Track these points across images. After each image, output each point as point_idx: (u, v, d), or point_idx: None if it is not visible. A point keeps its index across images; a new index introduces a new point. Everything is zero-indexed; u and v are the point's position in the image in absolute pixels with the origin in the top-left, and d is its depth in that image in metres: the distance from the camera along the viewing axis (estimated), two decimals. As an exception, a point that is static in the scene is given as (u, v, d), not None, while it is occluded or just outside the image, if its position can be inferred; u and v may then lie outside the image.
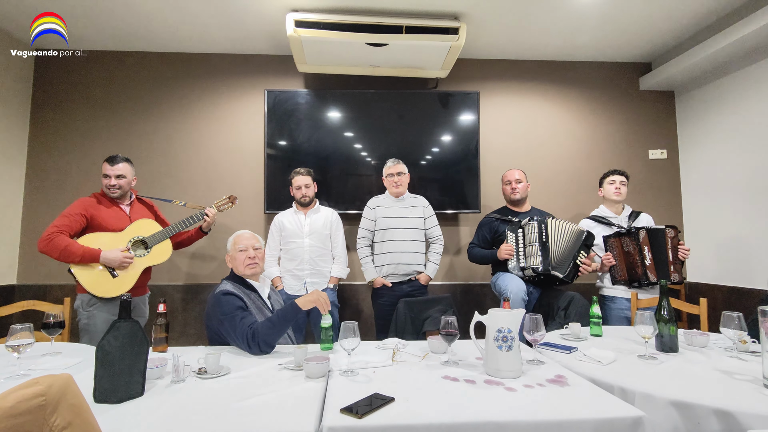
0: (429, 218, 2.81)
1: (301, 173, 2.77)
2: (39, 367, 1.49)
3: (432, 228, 2.81)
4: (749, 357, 1.60)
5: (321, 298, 1.66)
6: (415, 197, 2.86)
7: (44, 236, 2.18)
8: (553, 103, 3.63)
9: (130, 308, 1.27)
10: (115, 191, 2.38)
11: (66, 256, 2.18)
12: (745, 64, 3.02)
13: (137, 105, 3.40)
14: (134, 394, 1.20)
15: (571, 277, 2.54)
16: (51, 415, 0.72)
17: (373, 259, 2.76)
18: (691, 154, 3.53)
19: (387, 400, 1.15)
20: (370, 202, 2.84)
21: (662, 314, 1.70)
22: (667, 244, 2.51)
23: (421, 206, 2.81)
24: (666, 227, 2.54)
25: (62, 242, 2.17)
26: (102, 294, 2.24)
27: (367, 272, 2.75)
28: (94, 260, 2.22)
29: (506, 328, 1.39)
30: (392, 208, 2.77)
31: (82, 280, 2.23)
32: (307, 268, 2.70)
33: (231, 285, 1.80)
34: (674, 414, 1.18)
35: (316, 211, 2.81)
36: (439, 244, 2.81)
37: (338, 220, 2.86)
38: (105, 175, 2.38)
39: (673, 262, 2.50)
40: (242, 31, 3.12)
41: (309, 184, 2.78)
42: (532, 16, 2.94)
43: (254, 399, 1.18)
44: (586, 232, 2.59)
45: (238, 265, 1.89)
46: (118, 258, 2.25)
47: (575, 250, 2.56)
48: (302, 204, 2.78)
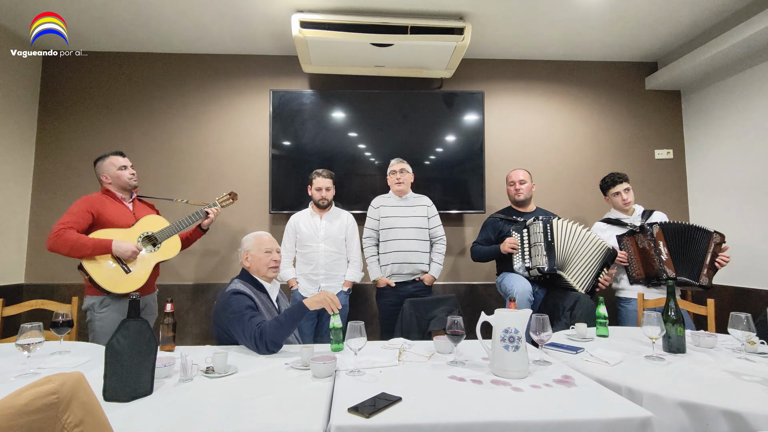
0: (432, 218, 2.80)
1: (323, 175, 2.75)
2: (48, 365, 1.51)
3: (435, 228, 2.80)
4: (758, 358, 1.59)
5: (328, 298, 1.66)
6: (418, 197, 2.86)
7: (52, 233, 2.14)
8: (559, 102, 3.62)
9: (139, 307, 1.28)
10: (135, 180, 2.42)
11: (77, 249, 2.13)
12: (751, 63, 3.00)
13: (143, 105, 3.42)
14: (143, 392, 1.21)
15: (591, 293, 2.53)
16: (63, 413, 0.73)
17: (379, 258, 2.76)
18: (698, 154, 3.50)
19: (394, 400, 1.15)
20: (373, 201, 2.85)
21: (669, 315, 1.69)
22: (709, 247, 2.46)
23: (424, 206, 2.81)
24: (714, 232, 2.48)
25: (72, 236, 2.13)
26: (116, 290, 2.20)
27: (372, 272, 2.75)
28: (106, 251, 2.18)
29: (513, 328, 1.39)
30: (395, 207, 2.77)
31: (95, 275, 2.17)
32: (322, 272, 2.70)
33: (242, 284, 1.82)
34: (682, 415, 1.17)
35: (332, 214, 2.81)
36: (442, 244, 2.81)
37: (354, 224, 2.86)
38: (122, 167, 2.38)
39: (708, 266, 2.45)
40: (247, 31, 3.13)
41: (330, 187, 2.77)
42: (538, 15, 2.93)
43: (262, 398, 1.19)
44: (612, 249, 2.56)
45: (261, 266, 1.90)
46: (130, 248, 2.22)
47: (598, 264, 2.53)
48: (320, 206, 2.78)
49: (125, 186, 2.40)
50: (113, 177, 2.38)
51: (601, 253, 2.54)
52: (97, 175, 2.41)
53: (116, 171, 2.38)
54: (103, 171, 2.38)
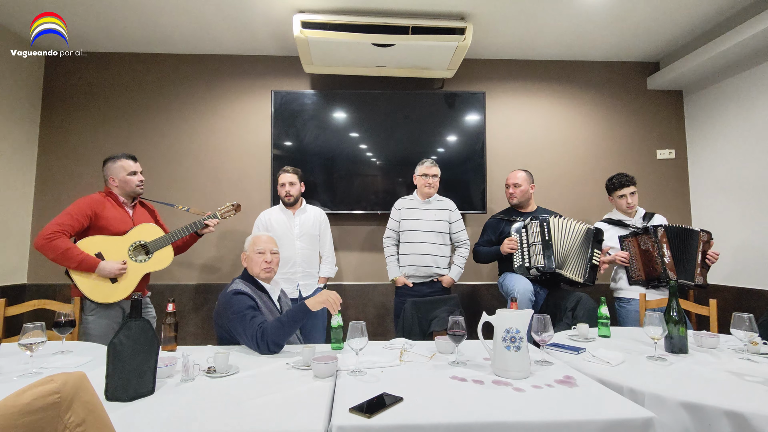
0: (455, 222, 2.79)
1: (287, 171, 2.77)
2: (51, 365, 1.51)
3: (459, 232, 2.79)
4: (760, 358, 1.58)
5: (330, 298, 1.65)
6: (443, 200, 2.84)
7: (44, 234, 2.09)
8: (560, 102, 3.61)
9: (141, 307, 1.28)
10: (142, 188, 2.41)
11: (63, 259, 2.11)
12: (753, 63, 2.99)
13: (145, 106, 3.43)
14: (145, 392, 1.21)
15: (592, 279, 2.53)
16: (66, 413, 0.73)
17: (398, 258, 2.77)
18: (700, 154, 3.49)
19: (396, 400, 1.15)
20: (396, 203, 2.86)
21: (671, 315, 1.68)
22: (698, 246, 2.49)
23: (447, 210, 2.79)
24: (701, 230, 2.51)
25: (62, 245, 2.10)
26: (101, 299, 2.19)
27: (390, 271, 2.77)
28: (90, 270, 2.16)
29: (515, 328, 1.38)
30: (417, 210, 2.77)
31: (80, 285, 2.17)
32: (299, 270, 2.70)
33: (243, 284, 1.82)
34: (685, 416, 1.17)
35: (303, 210, 2.82)
36: (465, 248, 2.80)
37: (326, 220, 2.87)
38: (132, 172, 2.35)
39: (700, 265, 2.48)
40: (249, 32, 3.14)
41: (294, 182, 2.76)
42: (539, 16, 2.93)
43: (264, 398, 1.19)
44: (594, 228, 2.58)
45: (254, 266, 1.90)
46: (114, 270, 2.19)
47: (588, 249, 2.54)
48: (286, 203, 2.78)
49: (131, 192, 2.38)
50: (121, 181, 2.34)
51: (581, 235, 2.56)
52: (105, 176, 2.38)
53: (125, 176, 2.34)
54: (112, 173, 2.35)
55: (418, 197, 2.82)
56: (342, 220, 3.40)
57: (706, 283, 2.50)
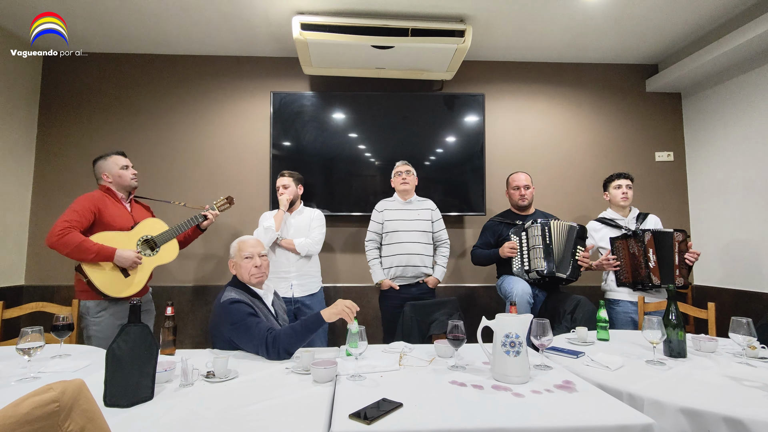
0: (436, 221, 2.81)
1: (284, 174, 2.78)
2: (49, 369, 1.50)
3: (439, 231, 2.80)
4: (759, 363, 1.58)
5: (346, 307, 1.61)
6: (422, 200, 2.86)
7: (55, 231, 2.09)
8: (559, 105, 3.62)
9: (139, 312, 1.28)
10: (137, 181, 2.44)
11: (80, 252, 2.10)
12: (752, 66, 3.00)
13: (144, 107, 3.42)
14: (144, 397, 1.20)
15: (575, 275, 2.54)
16: (64, 421, 0.73)
17: (381, 261, 2.76)
18: (698, 157, 3.50)
19: (395, 406, 1.15)
20: (377, 205, 2.85)
21: (670, 319, 1.69)
22: (674, 247, 2.50)
23: (428, 209, 2.81)
24: (674, 231, 2.52)
25: (76, 238, 2.09)
26: (114, 294, 2.20)
27: (374, 274, 2.74)
28: (108, 259, 2.17)
29: (514, 333, 1.38)
30: (400, 210, 2.77)
31: (94, 279, 2.16)
32: (293, 270, 2.69)
33: (236, 292, 1.78)
34: (683, 421, 1.17)
35: (300, 212, 2.81)
36: (446, 248, 2.81)
37: (320, 216, 2.83)
38: (124, 166, 2.38)
39: (678, 266, 2.48)
40: (248, 33, 3.13)
41: (287, 185, 2.76)
42: (538, 18, 2.93)
43: (263, 403, 1.19)
44: (577, 226, 2.60)
45: (243, 273, 1.86)
46: (131, 257, 2.22)
47: (571, 246, 2.57)
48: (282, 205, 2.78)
49: (127, 186, 2.40)
50: (115, 176, 2.37)
51: (566, 233, 2.60)
52: (97, 174, 2.39)
53: (119, 170, 2.37)
54: (105, 170, 2.37)
55: (399, 198, 2.82)
56: (340, 221, 3.40)
57: (687, 283, 2.51)
